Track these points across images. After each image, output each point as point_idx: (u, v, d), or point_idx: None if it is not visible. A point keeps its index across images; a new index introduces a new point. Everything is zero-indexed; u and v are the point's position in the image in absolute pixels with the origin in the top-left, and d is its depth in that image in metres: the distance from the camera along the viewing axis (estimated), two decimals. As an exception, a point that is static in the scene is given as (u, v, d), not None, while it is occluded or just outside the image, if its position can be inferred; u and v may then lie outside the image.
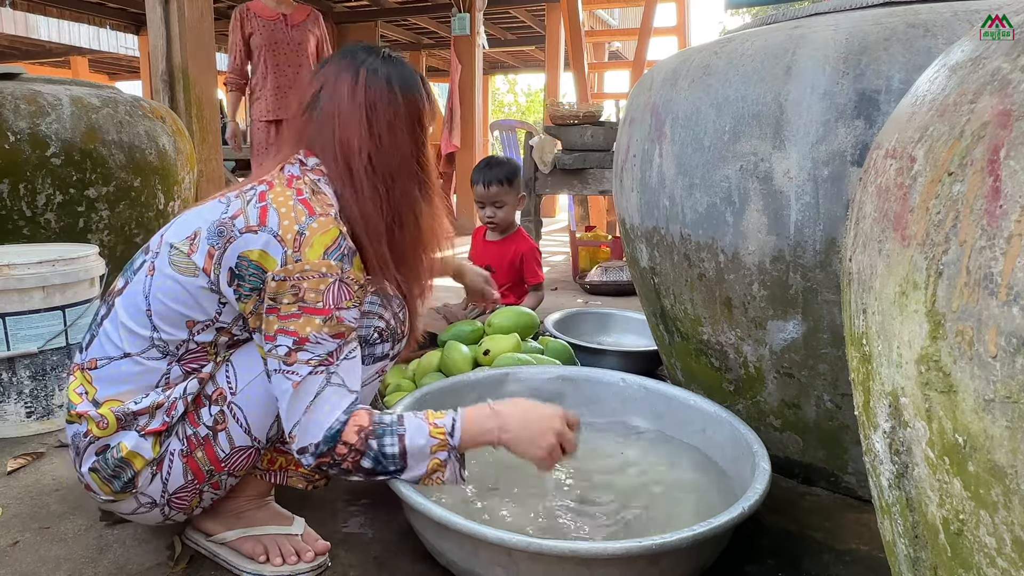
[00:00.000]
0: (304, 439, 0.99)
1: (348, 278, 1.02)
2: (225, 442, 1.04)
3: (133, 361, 1.04)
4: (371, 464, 1.00)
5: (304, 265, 0.98)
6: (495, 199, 2.50)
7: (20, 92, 2.12)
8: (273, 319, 0.99)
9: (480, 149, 6.84)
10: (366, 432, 1.00)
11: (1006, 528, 0.43)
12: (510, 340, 1.77)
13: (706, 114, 1.35)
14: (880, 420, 0.58)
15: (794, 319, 1.29)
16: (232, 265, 1.00)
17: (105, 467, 1.03)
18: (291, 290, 0.98)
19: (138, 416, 1.03)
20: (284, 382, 0.99)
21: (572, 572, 0.93)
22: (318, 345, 0.99)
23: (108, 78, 11.80)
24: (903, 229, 0.54)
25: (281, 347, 0.99)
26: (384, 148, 1.11)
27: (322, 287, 0.99)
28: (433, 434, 1.02)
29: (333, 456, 0.99)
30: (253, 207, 1.03)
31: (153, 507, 1.06)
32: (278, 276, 0.98)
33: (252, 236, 1.00)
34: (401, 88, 1.13)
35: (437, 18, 8.02)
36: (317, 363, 0.99)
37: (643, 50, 6.08)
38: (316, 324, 0.98)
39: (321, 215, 1.03)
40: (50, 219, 2.15)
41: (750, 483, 1.08)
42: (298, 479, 1.15)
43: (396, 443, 1.01)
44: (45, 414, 1.70)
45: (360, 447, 0.99)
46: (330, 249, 1.00)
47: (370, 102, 1.11)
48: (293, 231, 1.00)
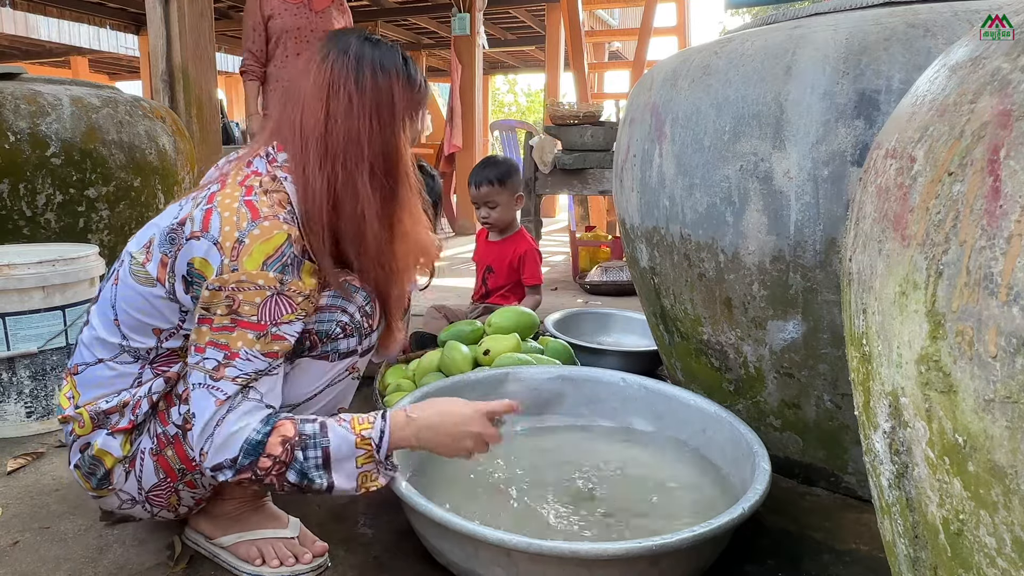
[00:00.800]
0: (219, 456, 0.94)
1: (290, 290, 0.97)
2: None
3: (106, 366, 1.05)
4: (296, 478, 0.96)
5: (240, 275, 0.94)
6: (486, 199, 2.49)
7: (20, 92, 2.12)
8: (205, 330, 0.95)
9: (480, 149, 6.84)
10: (291, 443, 0.95)
11: (1006, 528, 0.43)
12: (510, 340, 1.77)
13: (706, 114, 1.35)
14: (880, 420, 0.58)
15: (794, 319, 1.29)
16: (184, 273, 0.98)
17: (84, 464, 1.06)
18: (225, 301, 0.94)
19: (109, 415, 1.04)
20: (207, 398, 0.94)
21: (572, 573, 0.93)
22: (248, 363, 0.95)
23: (108, 78, 11.80)
24: (903, 229, 0.54)
25: (210, 360, 0.95)
26: (337, 131, 1.04)
27: (258, 299, 0.94)
28: (359, 445, 0.98)
29: (255, 471, 0.94)
30: (199, 210, 0.99)
31: (134, 504, 1.08)
32: (212, 286, 0.94)
33: (196, 243, 0.97)
34: (372, 70, 1.05)
35: (437, 18, 8.02)
36: (245, 382, 0.95)
37: (643, 50, 6.08)
38: (249, 340, 0.95)
39: (266, 218, 0.97)
40: (50, 219, 2.15)
41: (750, 483, 1.08)
42: None
43: (320, 455, 0.96)
44: (45, 414, 1.70)
45: (286, 459, 0.95)
46: (271, 259, 0.95)
47: (332, 80, 1.04)
48: (233, 238, 0.95)
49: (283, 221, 0.99)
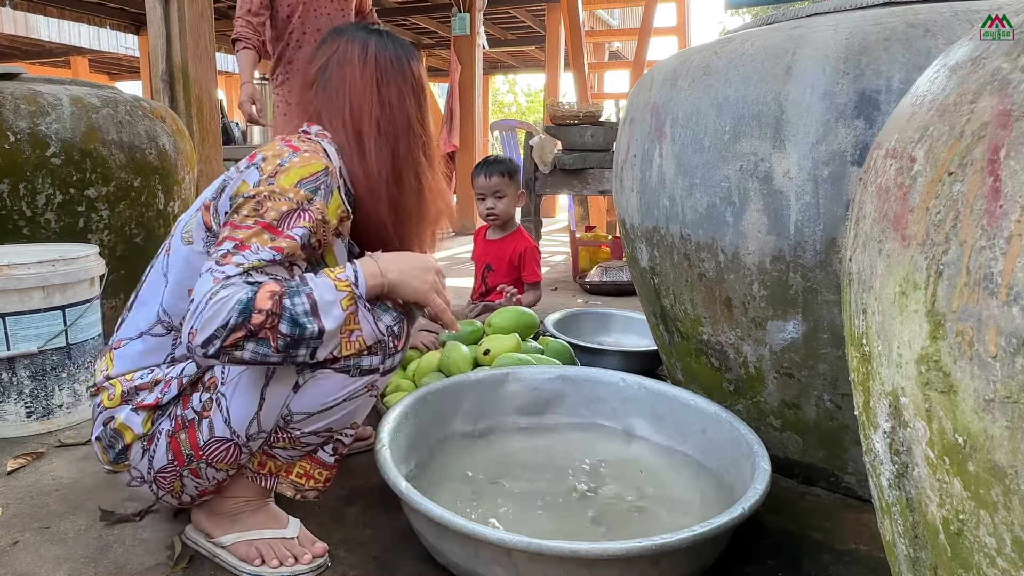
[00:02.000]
0: (210, 327, 0.92)
1: (312, 208, 1.04)
2: (207, 430, 1.05)
3: (143, 340, 1.11)
4: (288, 328, 0.95)
5: (274, 187, 1.02)
6: (496, 189, 2.55)
7: (20, 92, 2.12)
8: (226, 229, 1.01)
9: (480, 149, 6.84)
10: (279, 294, 0.95)
11: (1006, 528, 0.43)
12: (510, 340, 1.77)
13: (706, 114, 1.35)
14: (880, 420, 0.58)
15: (794, 319, 1.29)
16: (227, 208, 1.06)
17: (105, 437, 1.09)
18: (254, 204, 1.01)
19: (139, 391, 1.08)
20: (207, 280, 0.95)
21: (572, 572, 0.93)
22: (254, 254, 0.98)
23: (108, 78, 11.80)
24: (903, 229, 0.54)
25: (222, 250, 0.99)
26: (393, 113, 1.20)
27: (284, 208, 1.01)
28: (340, 287, 1.00)
29: (249, 327, 0.93)
30: (244, 159, 1.11)
31: (143, 482, 1.10)
32: (247, 194, 1.03)
33: (238, 175, 1.08)
34: (407, 58, 1.24)
35: (437, 18, 8.03)
36: (247, 267, 0.97)
37: (643, 50, 6.09)
38: (264, 239, 1.00)
39: (306, 151, 1.08)
40: (50, 219, 2.15)
41: (750, 483, 1.08)
42: (288, 486, 1.15)
43: (305, 301, 0.97)
44: (45, 414, 1.70)
45: (277, 310, 0.94)
46: (305, 179, 1.04)
47: (381, 71, 1.20)
48: (274, 163, 1.05)
49: (323, 156, 1.10)
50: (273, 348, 0.96)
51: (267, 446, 1.10)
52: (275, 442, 1.09)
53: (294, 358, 0.98)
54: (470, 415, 1.47)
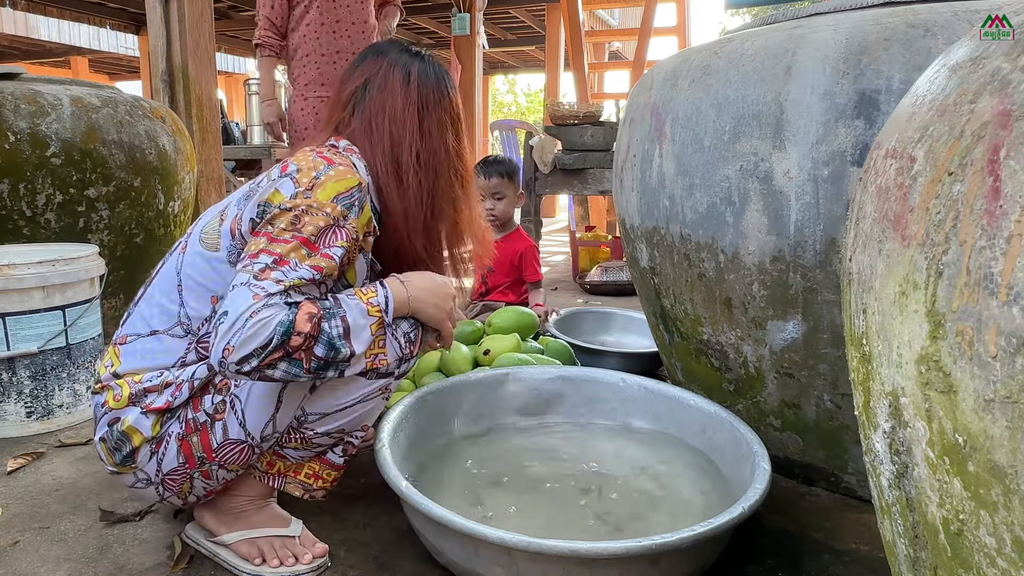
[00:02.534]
0: (249, 346, 0.92)
1: (349, 225, 1.03)
2: (220, 432, 1.04)
3: (157, 339, 1.09)
4: (324, 351, 0.97)
5: (312, 201, 1.01)
6: (495, 190, 2.56)
7: (20, 92, 2.12)
8: (262, 240, 1.00)
9: (480, 149, 6.84)
10: (318, 317, 0.97)
11: (1006, 528, 0.43)
12: (510, 340, 1.77)
13: (706, 114, 1.35)
14: (880, 420, 0.58)
15: (794, 319, 1.29)
16: (254, 215, 1.05)
17: (111, 438, 1.07)
18: (291, 218, 1.00)
19: (148, 393, 1.06)
20: (245, 294, 0.94)
21: (572, 572, 0.93)
22: (294, 271, 0.97)
23: (108, 78, 11.81)
24: (903, 229, 0.54)
25: (259, 264, 0.97)
26: (433, 145, 1.20)
27: (321, 223, 1.00)
28: (371, 312, 1.03)
29: (287, 349, 0.93)
30: (276, 168, 1.09)
31: (149, 484, 1.09)
32: (284, 205, 1.01)
33: (270, 183, 1.06)
34: (448, 87, 1.24)
35: (437, 18, 8.03)
36: (288, 286, 0.96)
37: (643, 50, 6.09)
38: (302, 254, 0.99)
39: (341, 164, 1.07)
40: (50, 219, 2.14)
41: (750, 483, 1.08)
42: (296, 486, 1.15)
43: (339, 324, 0.99)
44: (45, 414, 1.70)
45: (314, 332, 0.95)
46: (341, 195, 1.03)
47: (423, 101, 1.19)
48: (310, 175, 1.03)
49: (356, 171, 1.09)
50: (305, 369, 0.98)
51: (278, 447, 1.10)
52: (287, 443, 1.10)
53: (321, 378, 1.01)
54: (470, 415, 1.47)
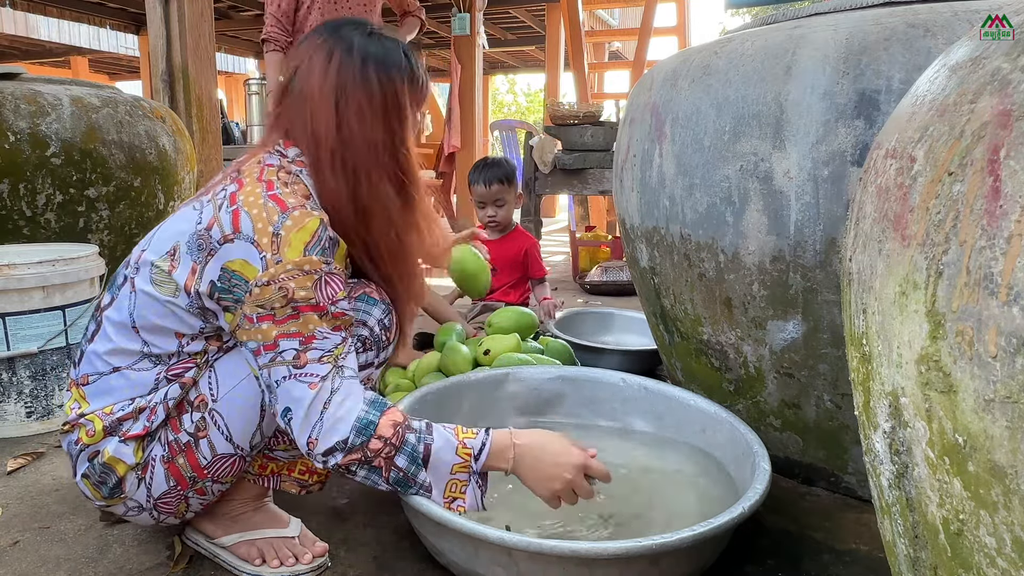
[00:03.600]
0: (330, 439, 0.93)
1: (334, 269, 0.97)
2: (207, 449, 1.02)
3: (122, 375, 1.02)
4: (405, 463, 0.96)
5: (286, 265, 0.93)
6: (496, 197, 2.52)
7: (20, 92, 2.12)
8: (269, 326, 0.94)
9: (480, 149, 6.84)
10: (403, 427, 0.96)
11: (1006, 528, 0.43)
12: (510, 340, 1.77)
13: (706, 114, 1.35)
14: (880, 420, 0.58)
15: (794, 319, 1.29)
16: (214, 278, 0.96)
17: (94, 473, 1.02)
18: (279, 293, 0.93)
19: (122, 422, 1.01)
20: (298, 387, 0.94)
21: (572, 572, 0.93)
22: (325, 340, 0.95)
23: (108, 78, 11.80)
24: (903, 229, 0.54)
25: (288, 351, 0.94)
26: (352, 139, 1.03)
27: (309, 284, 0.94)
28: (459, 453, 0.99)
29: (365, 452, 0.94)
30: (225, 213, 0.97)
31: (141, 511, 1.05)
32: (261, 281, 0.93)
33: (230, 246, 0.95)
34: (379, 73, 1.03)
35: (437, 18, 8.02)
36: (330, 359, 0.95)
37: (643, 50, 6.09)
38: (316, 320, 0.95)
39: (295, 208, 0.96)
40: (50, 219, 2.14)
41: (750, 483, 1.08)
42: (291, 484, 1.15)
43: (421, 449, 0.97)
44: (45, 414, 1.70)
45: (397, 442, 0.95)
46: (310, 244, 0.95)
47: (340, 86, 1.02)
48: (268, 233, 0.94)
49: (311, 209, 0.99)
50: (384, 478, 0.97)
51: (267, 449, 1.10)
52: (275, 445, 1.09)
53: (403, 495, 1.00)
54: (470, 415, 1.47)
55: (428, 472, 0.98)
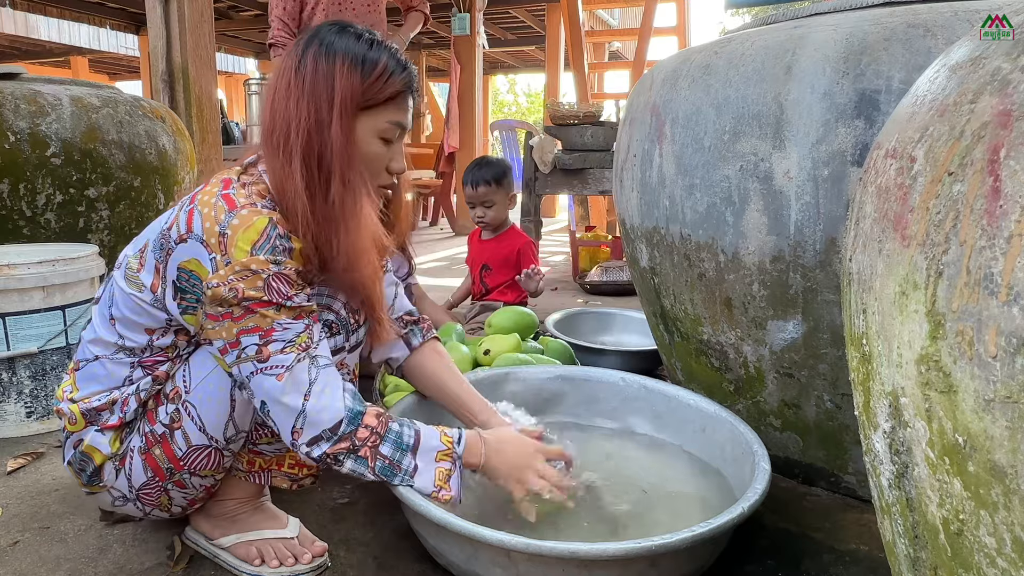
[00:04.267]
0: (315, 428, 0.95)
1: (285, 269, 0.96)
2: (182, 440, 1.03)
3: (101, 364, 1.07)
4: (390, 451, 0.98)
5: (235, 267, 0.94)
6: (483, 199, 2.53)
7: (20, 92, 2.12)
8: (229, 324, 0.96)
9: (480, 149, 6.84)
10: (385, 417, 0.99)
11: (1006, 528, 0.43)
12: (510, 340, 1.77)
13: (706, 114, 1.35)
14: (880, 420, 0.58)
15: (794, 319, 1.29)
16: (174, 278, 0.98)
17: (75, 461, 1.08)
18: (230, 294, 0.94)
19: (100, 412, 1.06)
20: (267, 380, 0.95)
21: (571, 573, 0.93)
22: (286, 331, 0.96)
23: (108, 78, 11.80)
24: (903, 229, 0.54)
25: (250, 347, 0.95)
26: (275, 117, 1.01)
27: (259, 283, 0.94)
28: (442, 440, 1.03)
29: (353, 440, 0.95)
30: (183, 212, 0.99)
31: (126, 501, 1.09)
32: (212, 284, 0.94)
33: (184, 246, 0.96)
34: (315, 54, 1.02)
35: (437, 18, 8.01)
36: (293, 349, 0.96)
37: (643, 50, 6.09)
38: (273, 313, 0.95)
39: (243, 207, 0.96)
40: (50, 219, 2.14)
41: (750, 483, 1.08)
42: (282, 479, 1.15)
43: (412, 434, 1.00)
44: (45, 414, 1.70)
45: (382, 431, 0.97)
46: (257, 244, 0.94)
47: (281, 70, 1.04)
48: (215, 233, 0.95)
49: (261, 208, 0.98)
50: (370, 468, 0.98)
51: (250, 444, 1.10)
52: (258, 439, 1.10)
53: (388, 483, 1.00)
54: (470, 415, 1.47)
55: (416, 457, 1.00)
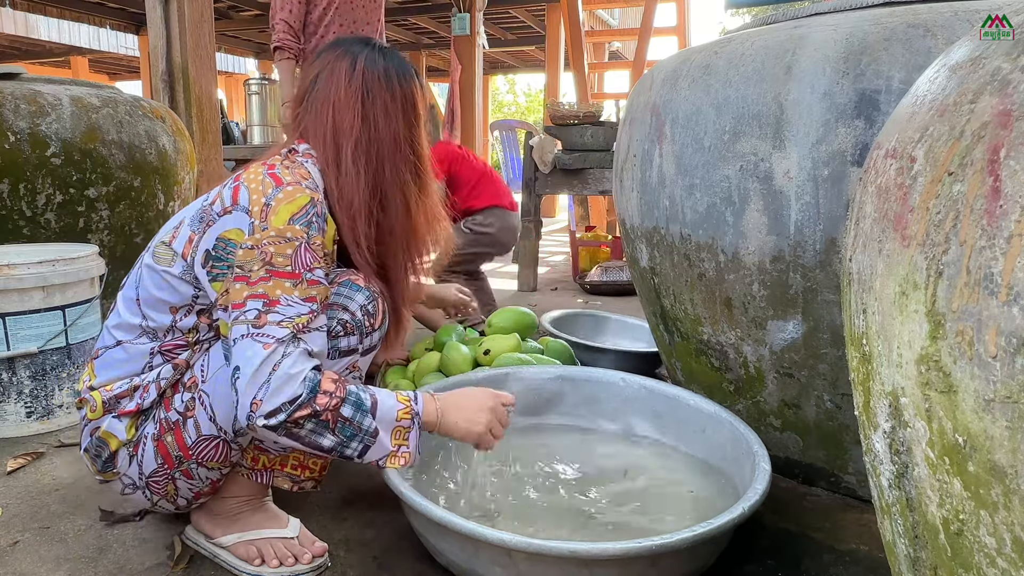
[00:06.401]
0: (276, 399, 0.94)
1: (314, 243, 1.03)
2: (192, 429, 1.05)
3: (122, 348, 1.10)
4: (351, 411, 0.98)
5: (270, 232, 1.00)
6: None
7: (20, 92, 2.12)
8: (242, 286, 0.99)
9: (480, 149, 6.84)
10: (342, 381, 0.99)
11: (1006, 528, 0.43)
12: (510, 340, 1.77)
13: (706, 114, 1.35)
14: (880, 420, 0.58)
15: (794, 319, 1.29)
16: (209, 247, 1.03)
17: (92, 447, 1.10)
18: (259, 256, 0.99)
19: (120, 399, 1.08)
20: (253, 346, 0.96)
21: (571, 573, 0.93)
22: (289, 307, 0.98)
23: (108, 78, 11.80)
24: (903, 229, 0.54)
25: (251, 311, 0.97)
26: (378, 131, 1.15)
27: (288, 251, 1.00)
28: (400, 400, 1.04)
29: (314, 406, 0.96)
30: (228, 189, 1.07)
31: (136, 489, 1.10)
32: (245, 245, 1.00)
33: (228, 217, 1.03)
34: (398, 75, 1.18)
35: (437, 18, 8.02)
36: (290, 326, 0.97)
37: (643, 50, 6.09)
38: (287, 287, 0.98)
39: (289, 184, 1.05)
40: (50, 219, 2.14)
41: (750, 483, 1.08)
42: (284, 479, 1.15)
43: (368, 397, 1.00)
44: (45, 414, 1.70)
45: (340, 394, 0.98)
46: (296, 215, 1.02)
47: (367, 87, 1.15)
48: (260, 204, 1.02)
49: (305, 187, 1.06)
50: (331, 430, 0.98)
51: (257, 440, 1.10)
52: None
53: (343, 449, 1.00)
54: (470, 415, 1.47)
55: (376, 420, 1.00)
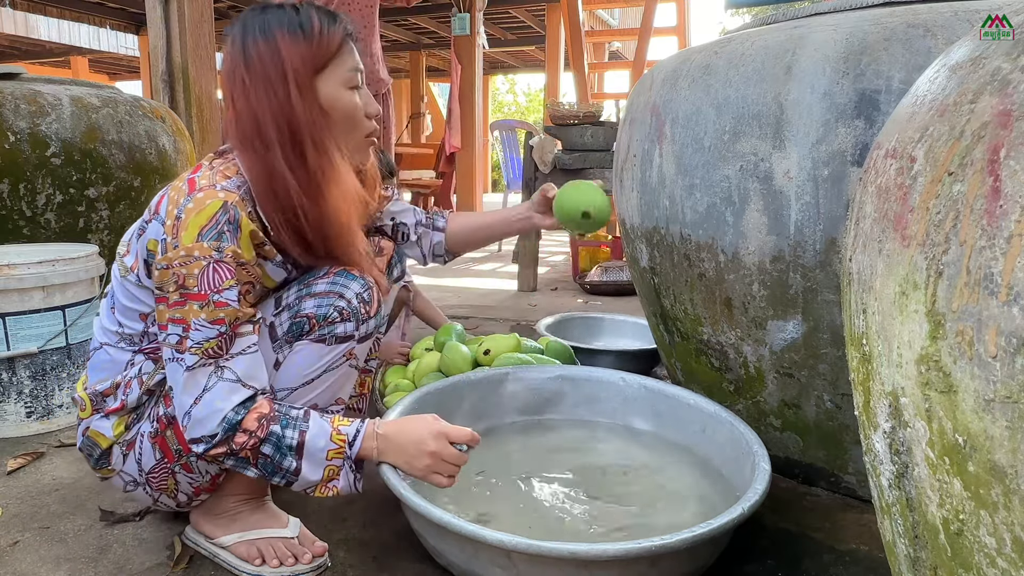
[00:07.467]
0: (198, 430, 0.98)
1: (225, 257, 0.98)
2: None
3: (105, 351, 1.12)
4: (271, 451, 0.98)
5: (180, 251, 0.97)
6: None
7: (20, 92, 2.12)
8: (163, 308, 1.00)
9: (480, 149, 6.84)
10: (267, 419, 0.99)
11: (1006, 528, 0.43)
12: (510, 340, 1.77)
13: (706, 114, 1.35)
14: (880, 420, 0.58)
15: (794, 319, 1.29)
16: (145, 258, 1.04)
17: (84, 446, 1.13)
18: (172, 278, 0.98)
19: (105, 397, 1.10)
20: (178, 370, 0.99)
21: (571, 573, 0.93)
22: (198, 332, 0.98)
23: (108, 78, 11.81)
24: (903, 229, 0.54)
25: (172, 335, 0.99)
26: (240, 116, 1.03)
27: (196, 271, 0.97)
28: (334, 439, 1.01)
29: (231, 445, 0.97)
30: (157, 196, 1.05)
31: (136, 485, 1.12)
32: (160, 265, 0.99)
33: (150, 226, 1.03)
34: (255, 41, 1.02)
35: (437, 18, 8.03)
36: (199, 352, 0.98)
37: (643, 50, 6.09)
38: (195, 310, 0.98)
39: (200, 190, 0.99)
40: (50, 219, 2.14)
41: (750, 483, 1.08)
42: None
43: (296, 436, 0.99)
44: (45, 414, 1.70)
45: (261, 434, 0.98)
46: (205, 228, 0.97)
47: (228, 67, 1.04)
48: (173, 216, 0.99)
49: (219, 189, 1.00)
50: (252, 465, 1.00)
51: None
52: None
53: (270, 479, 1.01)
54: (470, 415, 1.47)
55: (302, 459, 1.00)
